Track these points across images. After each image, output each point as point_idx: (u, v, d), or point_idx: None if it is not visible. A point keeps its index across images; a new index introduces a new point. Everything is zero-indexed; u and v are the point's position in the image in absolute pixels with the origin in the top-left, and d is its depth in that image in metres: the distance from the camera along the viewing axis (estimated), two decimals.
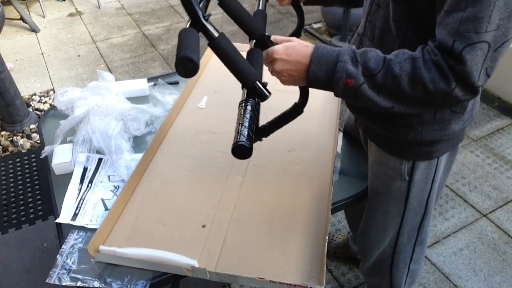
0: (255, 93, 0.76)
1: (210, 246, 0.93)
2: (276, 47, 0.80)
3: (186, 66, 0.63)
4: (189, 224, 0.98)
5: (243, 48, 0.88)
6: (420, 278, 1.64)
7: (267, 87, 0.76)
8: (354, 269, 1.68)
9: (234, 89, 0.94)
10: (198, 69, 0.64)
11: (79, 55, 3.20)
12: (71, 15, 3.81)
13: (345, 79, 0.74)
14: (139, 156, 1.13)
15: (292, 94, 1.41)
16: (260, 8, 0.97)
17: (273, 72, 0.82)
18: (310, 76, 0.77)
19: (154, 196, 1.05)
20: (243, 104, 0.75)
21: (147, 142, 1.24)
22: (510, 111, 2.49)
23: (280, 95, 1.40)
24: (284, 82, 0.81)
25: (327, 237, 0.91)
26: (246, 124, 0.70)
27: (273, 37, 0.84)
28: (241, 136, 0.69)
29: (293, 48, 0.78)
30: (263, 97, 0.77)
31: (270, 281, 0.83)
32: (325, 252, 0.88)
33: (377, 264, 1.24)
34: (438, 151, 0.95)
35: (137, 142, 1.24)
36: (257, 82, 0.75)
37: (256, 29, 0.84)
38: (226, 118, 1.29)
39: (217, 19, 3.60)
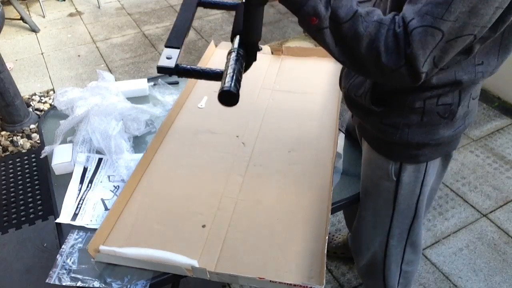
0: (249, 50, 0.77)
1: (210, 246, 0.93)
2: None
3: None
4: (189, 224, 0.98)
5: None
6: (420, 278, 1.64)
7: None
8: (354, 269, 1.68)
9: None
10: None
11: (79, 55, 3.20)
12: (71, 15, 3.81)
13: (312, 16, 0.73)
14: (139, 156, 1.13)
15: (292, 94, 1.42)
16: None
17: None
18: None
19: (154, 196, 1.05)
20: (235, 53, 0.74)
21: (147, 142, 1.24)
22: (510, 111, 2.49)
23: (280, 95, 1.40)
24: None
25: (327, 237, 0.91)
26: (234, 72, 0.70)
27: None
28: (230, 83, 0.69)
29: None
30: (252, 56, 0.78)
31: (270, 281, 0.83)
32: (325, 252, 0.88)
33: (370, 266, 1.24)
34: (425, 156, 0.94)
35: (137, 142, 1.24)
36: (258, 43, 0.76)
37: None
38: (226, 118, 1.29)
39: (217, 19, 3.59)
